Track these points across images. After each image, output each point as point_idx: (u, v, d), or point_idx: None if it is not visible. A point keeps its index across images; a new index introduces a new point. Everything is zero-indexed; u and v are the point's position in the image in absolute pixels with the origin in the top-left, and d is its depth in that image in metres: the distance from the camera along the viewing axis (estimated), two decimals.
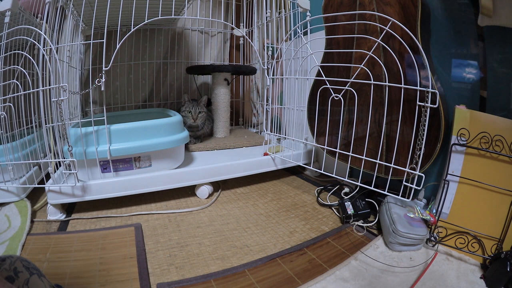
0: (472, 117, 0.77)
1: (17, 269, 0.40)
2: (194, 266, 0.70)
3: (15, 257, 0.42)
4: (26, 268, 0.41)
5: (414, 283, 0.64)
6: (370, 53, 0.83)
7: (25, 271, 0.41)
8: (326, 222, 0.93)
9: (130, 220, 0.92)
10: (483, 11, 0.72)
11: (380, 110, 0.89)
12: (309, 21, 1.05)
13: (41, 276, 0.43)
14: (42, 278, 0.43)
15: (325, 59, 1.03)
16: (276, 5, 1.36)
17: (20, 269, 0.40)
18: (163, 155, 1.01)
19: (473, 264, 0.71)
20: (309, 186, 1.23)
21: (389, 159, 0.88)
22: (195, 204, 1.03)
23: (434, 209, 0.81)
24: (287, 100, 1.31)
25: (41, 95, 0.80)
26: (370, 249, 0.77)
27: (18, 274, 0.40)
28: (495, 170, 0.73)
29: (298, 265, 0.71)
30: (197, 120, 1.29)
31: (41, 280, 0.43)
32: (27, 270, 0.41)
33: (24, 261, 0.42)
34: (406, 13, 0.81)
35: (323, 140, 1.06)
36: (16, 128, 0.92)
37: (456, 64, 0.90)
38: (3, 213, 0.88)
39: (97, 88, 0.87)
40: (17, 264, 0.41)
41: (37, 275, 0.42)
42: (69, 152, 0.85)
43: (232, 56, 1.85)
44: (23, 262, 0.42)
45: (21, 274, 0.40)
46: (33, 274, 0.42)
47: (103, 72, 0.85)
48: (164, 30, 1.61)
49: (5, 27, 0.84)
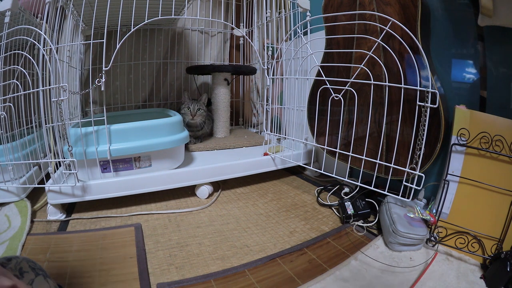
0: (472, 117, 0.77)
1: (23, 269, 0.40)
2: (194, 266, 0.70)
3: (21, 258, 0.42)
4: (32, 269, 0.42)
5: (414, 283, 0.64)
6: (370, 53, 0.83)
7: (30, 272, 0.41)
8: (326, 222, 0.93)
9: (130, 220, 0.92)
10: (483, 11, 0.73)
11: (380, 110, 0.89)
12: (309, 21, 1.05)
13: (46, 277, 0.43)
14: (47, 279, 0.43)
15: (325, 59, 1.03)
16: (276, 5, 1.36)
17: (25, 270, 0.41)
18: (163, 155, 1.01)
19: (473, 264, 0.71)
20: (309, 186, 1.23)
21: (389, 159, 0.88)
22: (195, 204, 1.03)
23: (434, 209, 0.81)
24: (287, 100, 1.31)
25: (41, 95, 0.80)
26: (370, 249, 0.77)
27: (24, 274, 0.40)
28: (495, 170, 0.73)
29: (298, 265, 0.71)
30: (195, 117, 1.28)
31: (47, 281, 0.43)
32: (32, 270, 0.42)
33: (30, 262, 0.43)
34: (406, 13, 0.81)
35: (323, 140, 1.06)
36: (16, 128, 0.92)
37: (456, 64, 0.90)
38: (3, 213, 0.88)
39: (97, 88, 0.87)
40: (23, 264, 0.41)
41: (42, 276, 0.42)
42: (69, 152, 0.85)
43: (232, 56, 1.85)
44: (29, 263, 0.42)
45: (26, 274, 0.40)
46: (39, 275, 0.42)
47: (103, 72, 0.85)
48: (164, 30, 1.61)
49: (5, 27, 0.84)
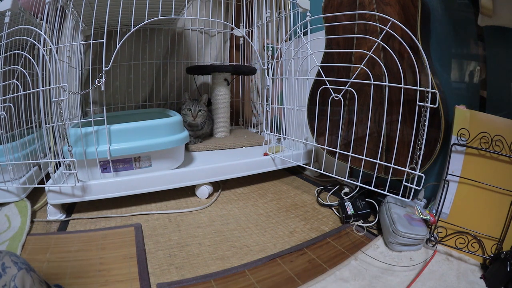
0: (472, 117, 0.77)
1: (5, 265, 0.40)
2: (194, 266, 0.70)
3: (4, 252, 0.42)
4: (15, 263, 0.41)
5: (413, 281, 0.64)
6: (370, 53, 0.83)
7: (13, 266, 0.41)
8: (326, 222, 0.93)
9: (130, 220, 0.92)
10: (483, 11, 0.72)
11: (380, 110, 0.89)
12: (309, 21, 1.05)
13: (30, 271, 0.43)
14: (30, 273, 0.43)
15: (325, 59, 1.03)
16: (276, 5, 1.36)
17: (8, 265, 0.40)
18: (163, 155, 1.01)
19: (473, 264, 0.71)
20: (309, 186, 1.23)
21: (389, 159, 0.88)
22: (195, 204, 1.03)
23: (434, 209, 0.81)
24: (287, 100, 1.31)
25: (41, 95, 0.80)
26: (370, 249, 0.77)
27: (6, 269, 0.40)
28: (495, 170, 0.73)
29: (298, 265, 0.71)
30: (196, 118, 1.29)
31: (30, 275, 0.42)
32: (15, 265, 0.41)
33: (13, 256, 0.42)
34: (406, 13, 0.81)
35: (323, 140, 1.06)
36: (16, 128, 0.92)
37: (456, 64, 0.90)
38: (3, 213, 0.88)
39: (97, 88, 0.87)
40: (6, 259, 0.41)
41: (25, 270, 0.42)
42: (69, 152, 0.85)
43: (232, 56, 1.85)
44: (12, 257, 0.42)
45: (9, 269, 0.40)
46: (21, 269, 0.41)
47: (103, 72, 0.85)
48: (164, 30, 1.61)
49: (5, 27, 0.84)
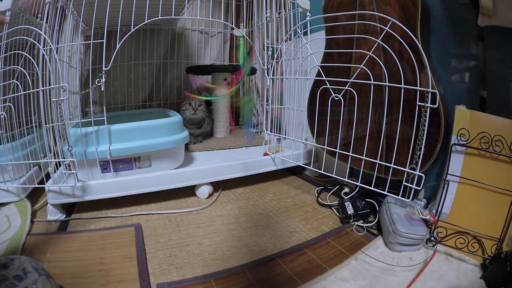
0: (472, 117, 0.77)
1: (26, 270, 0.41)
2: (194, 266, 0.70)
3: (24, 258, 0.43)
4: (35, 269, 0.42)
5: (413, 280, 0.64)
6: (370, 53, 0.83)
7: (33, 272, 0.42)
8: (326, 222, 0.93)
9: (130, 220, 0.92)
10: (483, 11, 0.72)
11: (380, 110, 0.89)
12: (309, 21, 1.05)
13: (49, 277, 0.44)
14: (50, 280, 0.44)
15: (325, 59, 1.03)
16: (276, 5, 1.36)
17: (29, 270, 0.41)
18: (163, 155, 1.01)
19: (473, 264, 0.71)
20: (309, 186, 1.23)
21: (389, 159, 0.88)
22: (195, 204, 1.03)
23: (434, 209, 0.81)
24: (287, 100, 1.31)
25: (41, 95, 0.80)
26: (370, 249, 0.77)
27: (27, 274, 0.41)
28: (495, 170, 0.73)
29: (298, 265, 0.71)
30: (197, 112, 1.30)
31: (49, 281, 0.44)
32: (36, 271, 0.42)
33: (33, 262, 0.43)
34: (406, 13, 0.81)
35: (323, 140, 1.06)
36: (16, 128, 0.92)
37: (456, 64, 0.90)
38: (3, 213, 0.88)
39: (97, 88, 0.87)
40: (26, 264, 0.42)
41: (45, 276, 0.43)
42: (69, 152, 0.85)
43: (232, 56, 1.85)
44: (32, 263, 0.43)
45: (30, 274, 0.41)
46: (42, 275, 0.43)
47: (103, 72, 0.85)
48: (164, 30, 1.61)
49: (5, 27, 0.84)
